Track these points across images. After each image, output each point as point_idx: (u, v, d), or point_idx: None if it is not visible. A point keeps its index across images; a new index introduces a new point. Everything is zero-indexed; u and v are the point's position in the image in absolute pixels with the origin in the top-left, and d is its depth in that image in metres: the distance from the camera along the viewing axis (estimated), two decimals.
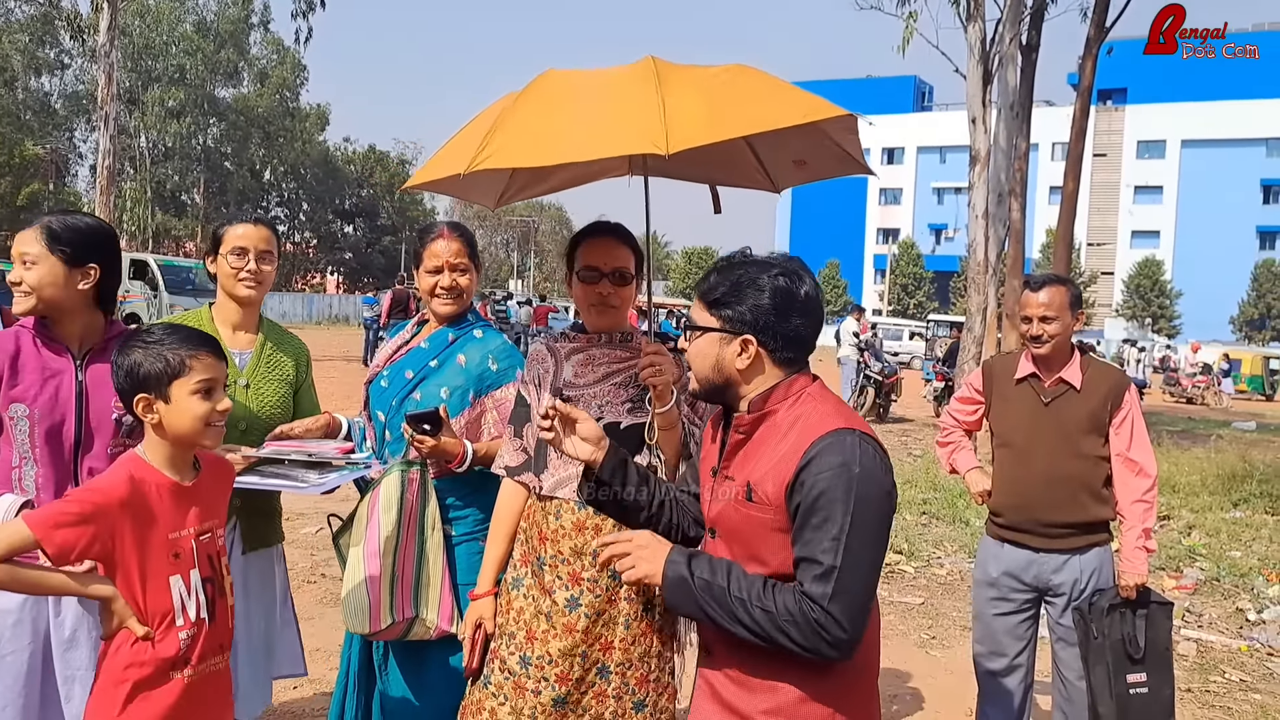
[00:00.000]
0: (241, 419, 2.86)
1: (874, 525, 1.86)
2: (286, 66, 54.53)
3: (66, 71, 47.62)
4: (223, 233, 2.95)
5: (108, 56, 20.56)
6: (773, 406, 1.97)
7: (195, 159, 52.79)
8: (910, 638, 5.77)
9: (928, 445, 13.81)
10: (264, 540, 2.99)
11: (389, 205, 66.58)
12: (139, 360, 2.14)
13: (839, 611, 1.80)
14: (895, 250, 69.04)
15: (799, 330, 1.97)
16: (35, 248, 2.51)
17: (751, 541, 1.95)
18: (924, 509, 9.03)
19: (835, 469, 1.84)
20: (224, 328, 2.95)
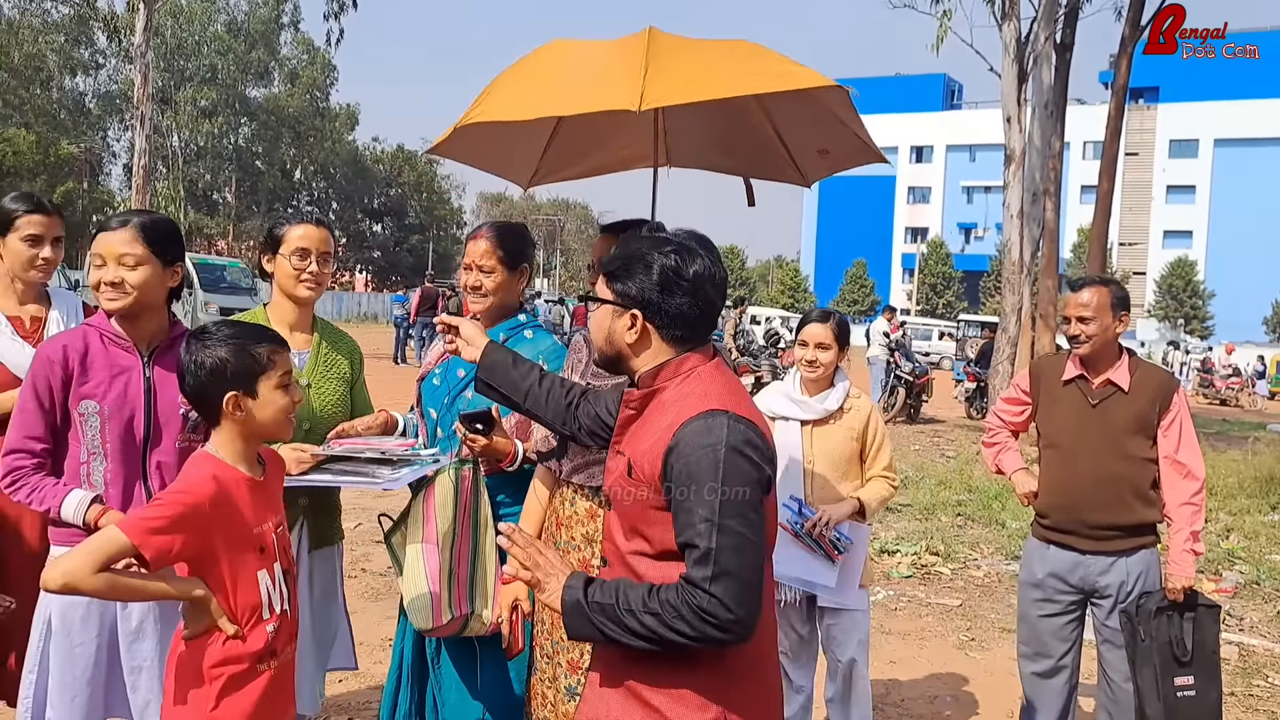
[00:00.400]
0: (305, 419, 2.90)
1: (748, 504, 1.85)
2: (317, 67, 54.93)
3: (100, 71, 48.26)
4: (282, 233, 2.96)
5: (143, 57, 20.79)
6: (661, 384, 2.00)
7: (227, 158, 53.32)
8: (949, 639, 5.75)
9: (960, 446, 13.73)
10: (328, 538, 3.04)
11: (416, 204, 66.97)
12: (226, 357, 2.16)
13: (722, 592, 1.79)
14: (924, 249, 68.59)
15: (683, 309, 1.99)
16: (138, 249, 2.55)
17: (635, 517, 1.98)
18: (959, 510, 8.98)
19: (701, 450, 1.85)
20: (280, 327, 2.96)
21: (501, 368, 2.49)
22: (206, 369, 2.16)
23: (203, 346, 2.18)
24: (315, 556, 2.98)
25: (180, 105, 48.89)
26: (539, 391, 2.46)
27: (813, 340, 3.62)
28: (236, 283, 24.32)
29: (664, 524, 1.93)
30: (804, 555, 3.51)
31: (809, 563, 3.51)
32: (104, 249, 2.55)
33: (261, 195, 54.92)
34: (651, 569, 1.96)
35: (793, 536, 3.49)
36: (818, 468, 3.60)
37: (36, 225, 3.03)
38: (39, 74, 43.10)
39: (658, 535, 1.94)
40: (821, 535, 3.47)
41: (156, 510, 2.03)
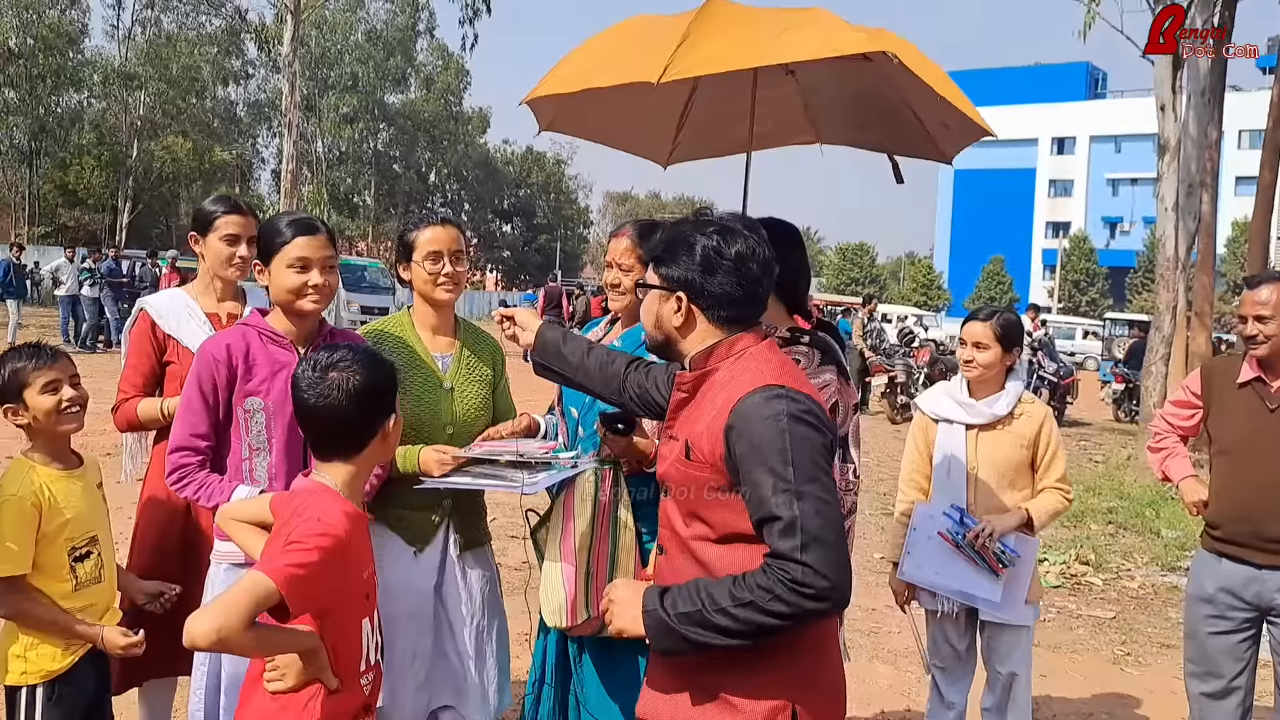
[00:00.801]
0: (448, 422, 2.92)
1: (820, 469, 1.84)
2: (450, 72, 56.37)
3: (250, 81, 50.63)
4: (413, 239, 2.94)
5: (290, 66, 21.71)
6: (714, 365, 1.99)
7: (366, 162, 55.22)
8: (1102, 653, 5.47)
9: (1109, 450, 13.11)
10: (477, 540, 3.05)
11: (545, 204, 68.08)
12: (372, 379, 2.03)
13: (815, 560, 1.75)
14: (1066, 245, 65.75)
15: (727, 288, 1.98)
16: (331, 251, 2.70)
17: (693, 500, 1.96)
18: (1109, 518, 8.56)
19: (763, 422, 1.84)
20: (424, 332, 3.00)
21: (553, 346, 2.55)
22: (355, 391, 1.99)
23: (335, 368, 2.00)
24: (467, 558, 3.00)
25: (324, 112, 50.87)
26: (588, 364, 2.50)
27: (970, 339, 3.46)
28: (376, 282, 25.27)
29: (726, 506, 1.91)
30: (965, 567, 3.36)
31: (971, 575, 3.36)
32: (311, 253, 2.61)
33: (399, 197, 56.69)
34: (715, 554, 1.93)
35: (953, 547, 3.35)
36: (982, 475, 3.44)
37: (234, 225, 3.18)
38: (195, 84, 45.41)
39: (719, 518, 1.92)
40: (984, 547, 3.31)
41: (300, 554, 1.84)
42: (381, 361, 2.08)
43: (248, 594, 1.75)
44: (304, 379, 2.02)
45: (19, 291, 18.59)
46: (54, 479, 2.55)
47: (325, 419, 2.00)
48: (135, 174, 42.66)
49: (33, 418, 2.53)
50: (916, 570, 3.49)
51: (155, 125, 43.75)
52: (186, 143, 43.43)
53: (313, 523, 1.90)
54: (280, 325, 2.68)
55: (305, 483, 2.07)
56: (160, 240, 40.74)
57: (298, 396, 2.03)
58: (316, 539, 1.86)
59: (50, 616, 2.48)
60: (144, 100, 43.15)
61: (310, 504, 1.97)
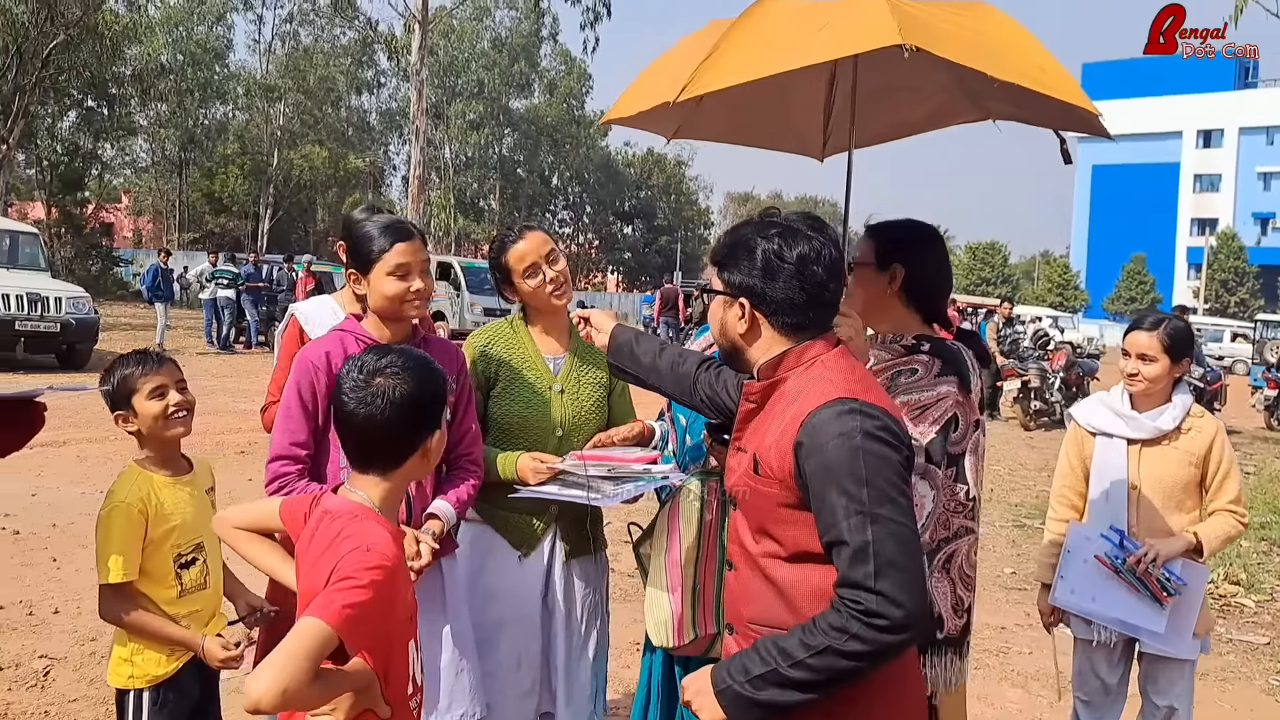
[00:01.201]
0: (557, 425, 2.88)
1: (897, 490, 1.73)
2: (573, 77, 57.04)
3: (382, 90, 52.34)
4: (506, 258, 2.88)
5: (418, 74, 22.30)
6: (783, 374, 1.90)
7: (491, 167, 56.35)
8: (1255, 682, 5.07)
9: (1262, 460, 12.30)
10: (585, 548, 2.97)
11: (665, 206, 68.19)
12: (420, 388, 1.90)
13: (890, 588, 1.65)
14: (1213, 242, 62.30)
15: (790, 294, 1.88)
16: (425, 254, 2.68)
17: (762, 516, 1.87)
18: (1263, 535, 7.98)
19: (835, 440, 1.73)
20: (538, 333, 2.97)
21: (626, 347, 2.51)
22: (400, 401, 1.85)
23: (382, 374, 1.87)
24: (574, 565, 2.93)
25: (451, 119, 52.17)
26: (660, 364, 2.44)
27: (1134, 350, 3.18)
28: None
29: (796, 524, 1.80)
30: (1126, 595, 3.10)
31: (1132, 604, 3.10)
32: (409, 258, 2.58)
33: (522, 201, 57.67)
34: (785, 573, 1.82)
35: (1112, 572, 3.09)
36: (1145, 494, 3.16)
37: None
38: (330, 94, 47.27)
39: (790, 536, 1.82)
40: (1147, 574, 3.04)
41: (354, 592, 1.69)
42: (433, 372, 1.95)
43: (307, 644, 1.62)
44: (347, 381, 1.88)
45: (167, 295, 19.57)
46: (162, 485, 2.59)
47: (365, 428, 1.86)
48: (275, 182, 44.59)
49: (141, 423, 2.57)
50: (1071, 596, 3.23)
51: (294, 135, 45.71)
52: (323, 151, 45.22)
53: (362, 554, 1.75)
54: (377, 331, 2.66)
55: (341, 502, 1.91)
56: (298, 245, 42.51)
57: (338, 399, 1.90)
58: (370, 573, 1.72)
59: (153, 624, 2.51)
60: (283, 111, 45.11)
61: (353, 530, 1.82)
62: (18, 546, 6.19)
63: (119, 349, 17.52)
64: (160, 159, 44.15)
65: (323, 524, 1.87)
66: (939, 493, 2.30)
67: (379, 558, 1.75)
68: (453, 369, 2.73)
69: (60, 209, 35.42)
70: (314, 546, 1.87)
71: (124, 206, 49.15)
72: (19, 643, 4.74)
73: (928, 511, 2.28)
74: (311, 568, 1.84)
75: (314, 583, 1.79)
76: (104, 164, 40.27)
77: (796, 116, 3.40)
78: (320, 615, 1.65)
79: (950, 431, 2.34)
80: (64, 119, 35.40)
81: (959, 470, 2.35)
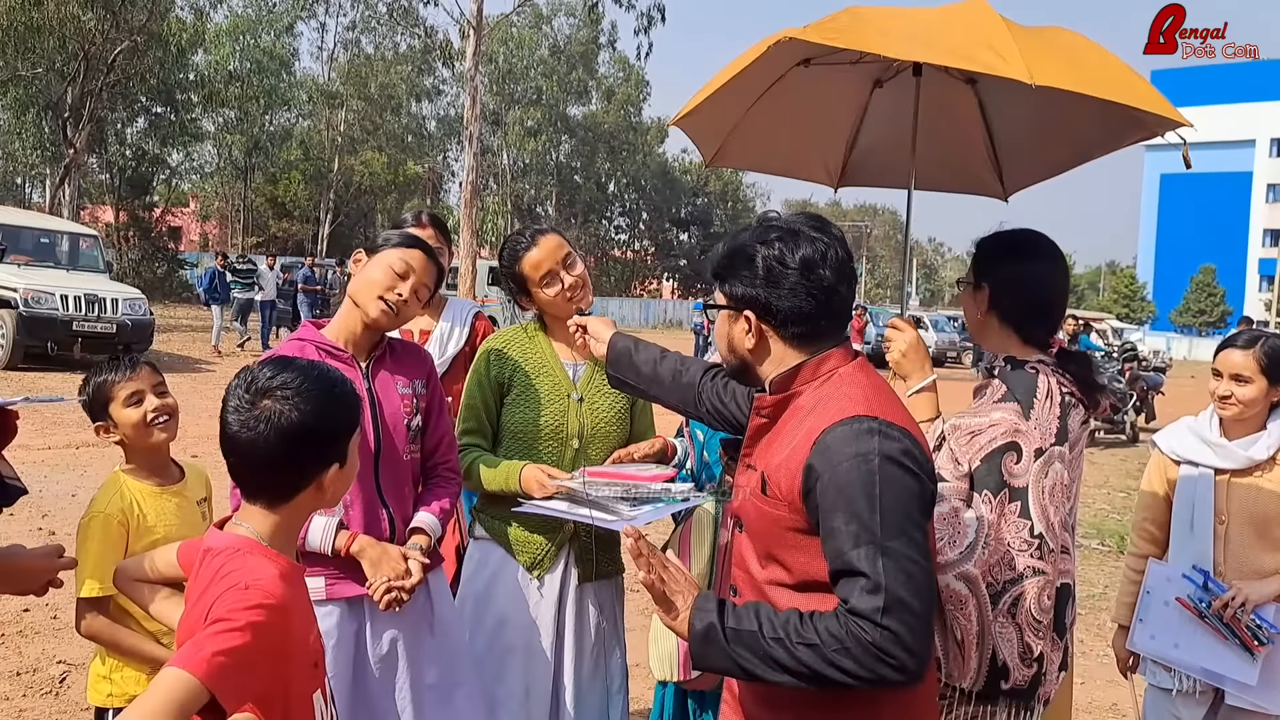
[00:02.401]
0: (574, 435, 2.73)
1: (912, 523, 1.60)
2: (631, 84, 57.17)
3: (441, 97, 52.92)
4: (520, 268, 2.74)
5: (472, 80, 22.40)
6: (798, 388, 1.77)
7: (549, 174, 56.67)
8: None
9: None
10: (602, 571, 2.80)
11: (722, 213, 67.97)
12: (331, 423, 1.67)
13: (897, 626, 1.53)
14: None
15: (797, 302, 1.74)
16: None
17: (769, 540, 1.73)
18: None
19: (850, 461, 1.60)
20: (558, 338, 2.83)
21: (625, 355, 2.36)
22: (288, 429, 1.58)
23: (271, 395, 1.61)
24: (588, 589, 2.77)
25: (510, 126, 52.58)
26: (660, 373, 2.30)
27: (1227, 370, 2.87)
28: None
29: (805, 549, 1.68)
30: (1212, 641, 2.81)
31: (1219, 651, 2.81)
32: (416, 265, 2.48)
33: (579, 207, 57.91)
34: (791, 601, 1.66)
35: (1196, 616, 2.82)
36: (1234, 531, 2.86)
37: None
38: (390, 101, 47.95)
39: (798, 562, 1.67)
40: (1235, 619, 2.75)
41: (227, 637, 1.45)
42: (338, 399, 1.66)
43: (166, 699, 1.36)
44: (232, 398, 1.63)
45: (223, 297, 19.87)
46: (146, 495, 2.47)
47: (246, 453, 1.60)
48: (336, 187, 45.29)
49: (122, 432, 2.46)
50: (1150, 642, 2.96)
51: (354, 141, 46.40)
52: (382, 157, 45.83)
53: (239, 593, 1.50)
54: (340, 334, 2.50)
55: (224, 538, 1.66)
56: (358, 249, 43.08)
57: (222, 416, 1.63)
58: (248, 614, 1.48)
59: (130, 640, 2.39)
60: (345, 117, 45.79)
61: (232, 566, 1.57)
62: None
63: (175, 350, 17.84)
64: (226, 164, 45.07)
65: (204, 562, 1.64)
66: (984, 523, 2.08)
67: (260, 595, 1.51)
68: (421, 373, 2.61)
69: (129, 213, 36.31)
70: (194, 588, 1.64)
71: (191, 211, 50.29)
72: (40, 647, 4.70)
73: (968, 541, 2.08)
74: (189, 611, 1.61)
75: (191, 628, 1.55)
76: (171, 169, 41.25)
77: (816, 150, 3.35)
78: (185, 665, 1.40)
79: (1008, 461, 2.10)
80: (132, 125, 36.28)
81: (1023, 505, 2.09)
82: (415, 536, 2.49)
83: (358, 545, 2.38)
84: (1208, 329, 59.16)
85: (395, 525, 2.49)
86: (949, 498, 2.08)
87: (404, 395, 2.53)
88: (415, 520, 2.52)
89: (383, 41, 47.99)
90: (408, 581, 2.36)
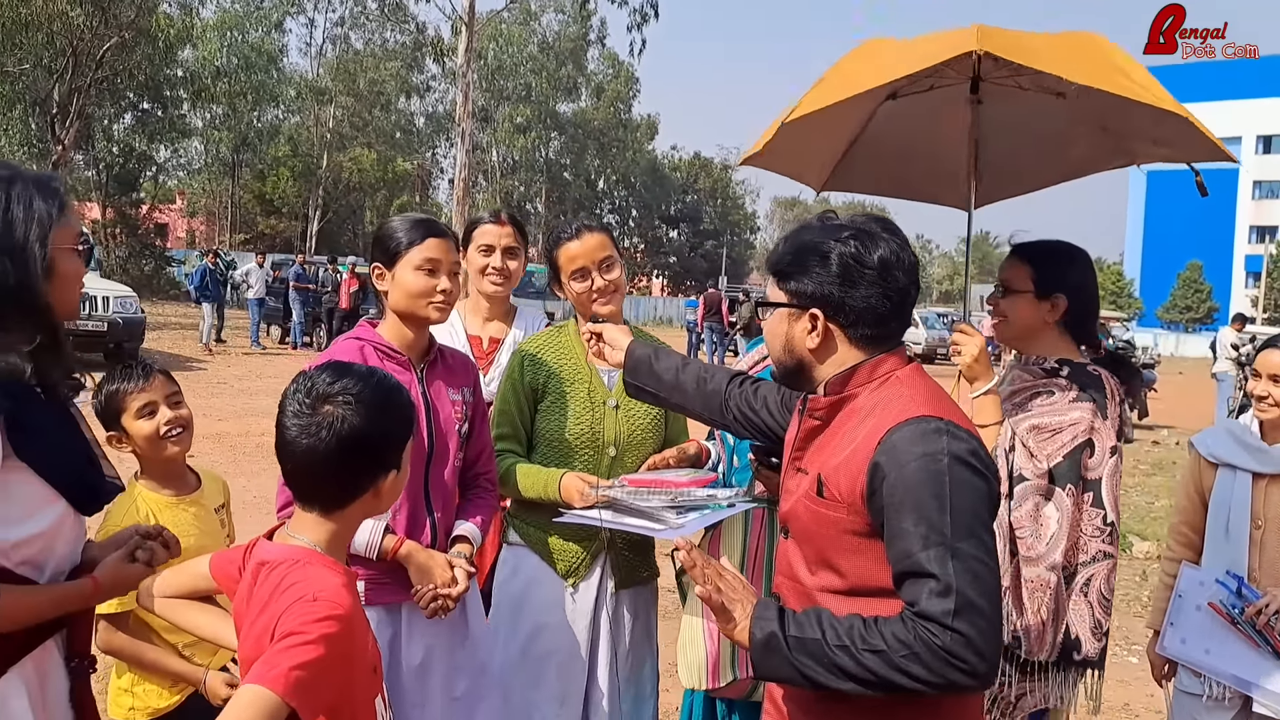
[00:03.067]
0: (610, 442, 2.69)
1: (981, 525, 1.59)
2: (620, 80, 57.05)
3: (430, 94, 52.70)
4: (557, 254, 2.73)
5: (464, 77, 22.31)
6: (853, 390, 1.75)
7: (538, 171, 56.51)
8: None
9: None
10: (638, 578, 2.78)
11: (711, 210, 68.03)
12: (389, 428, 1.69)
13: (969, 629, 1.51)
14: (1273, 250, 60.72)
15: (872, 301, 1.72)
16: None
17: (823, 544, 1.71)
18: None
19: (919, 460, 1.58)
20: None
21: (644, 363, 2.33)
22: (348, 435, 1.58)
23: (332, 400, 1.60)
24: (624, 596, 2.73)
25: (499, 123, 52.42)
26: (683, 381, 2.26)
27: (1266, 370, 2.85)
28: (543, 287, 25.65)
29: (862, 553, 1.66)
30: (1243, 648, 2.78)
31: (1250, 659, 2.77)
32: (441, 255, 2.45)
33: (568, 204, 57.76)
34: (842, 608, 1.63)
35: (1228, 622, 2.79)
36: (1270, 537, 2.83)
37: (490, 235, 3.08)
38: (379, 98, 47.74)
39: (853, 567, 1.64)
40: (1269, 626, 2.73)
41: (303, 650, 1.45)
42: (396, 405, 1.67)
43: (252, 717, 1.38)
44: (291, 404, 1.62)
45: (215, 295, 19.75)
46: (162, 507, 2.42)
47: (305, 461, 1.60)
48: (324, 184, 45.05)
49: (135, 444, 2.40)
50: (1181, 646, 2.94)
51: (343, 137, 46.17)
52: (371, 154, 45.63)
53: (307, 605, 1.50)
54: (396, 338, 2.48)
55: (279, 549, 1.65)
56: (347, 246, 42.86)
57: (280, 421, 1.62)
58: (318, 626, 1.47)
59: (151, 654, 2.35)
60: (333, 114, 45.55)
61: (296, 578, 1.56)
62: None
63: (166, 348, 17.71)
64: (214, 161, 44.78)
65: (261, 576, 1.62)
66: (1065, 515, 2.25)
67: (328, 606, 1.51)
68: (469, 381, 2.60)
69: (116, 209, 36.03)
70: (254, 602, 1.62)
71: (178, 208, 49.98)
72: None
73: (1051, 534, 2.24)
74: (252, 626, 1.59)
75: (256, 644, 1.55)
76: (158, 165, 40.94)
77: (944, 166, 3.30)
78: (264, 682, 1.40)
79: (1085, 456, 2.29)
80: (120, 121, 36.00)
81: (1096, 495, 2.30)
82: (459, 545, 2.46)
83: (405, 550, 2.36)
84: (1194, 325, 59.44)
85: (438, 532, 2.47)
86: (1031, 495, 2.22)
87: (454, 402, 2.52)
88: (458, 529, 2.50)
89: (372, 37, 47.80)
90: (454, 590, 2.34)
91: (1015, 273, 2.46)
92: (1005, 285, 2.47)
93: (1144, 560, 7.52)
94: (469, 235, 3.05)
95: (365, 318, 2.88)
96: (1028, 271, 2.44)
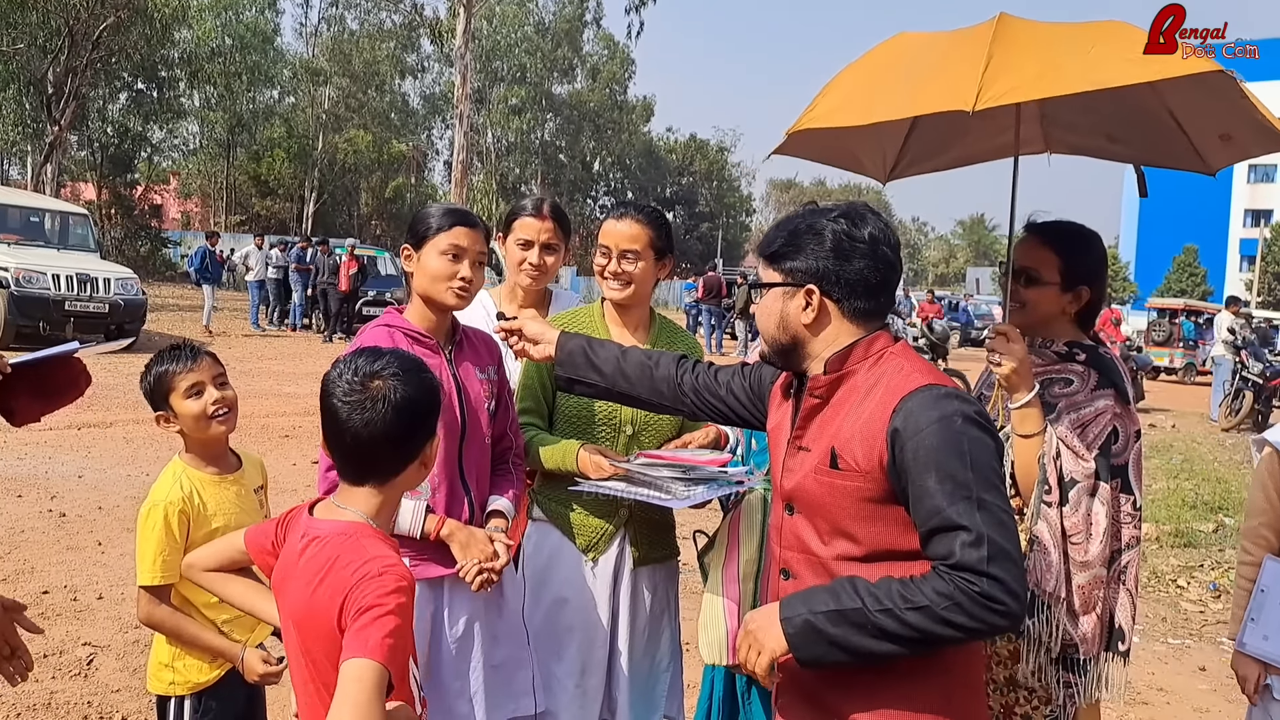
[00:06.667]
0: (628, 423, 2.77)
1: (998, 477, 1.70)
2: (616, 62, 56.84)
3: (425, 75, 52.48)
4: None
5: (463, 59, 22.23)
6: (852, 367, 1.83)
7: (534, 153, 56.36)
8: None
9: None
10: (657, 555, 2.85)
11: (707, 192, 67.93)
12: (421, 392, 1.80)
13: (1002, 574, 1.61)
14: (1267, 234, 60.81)
15: (865, 275, 1.83)
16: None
17: (837, 514, 1.78)
18: None
19: (936, 423, 1.68)
20: (614, 326, 2.87)
21: (579, 355, 2.35)
22: (401, 404, 1.70)
23: (379, 376, 1.73)
24: (643, 572, 2.81)
25: (493, 104, 52.22)
26: (626, 369, 2.31)
27: None
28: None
29: (879, 519, 1.75)
30: None
31: None
32: (466, 243, 2.50)
33: (564, 186, 57.66)
34: (859, 572, 1.73)
35: None
36: None
37: (530, 230, 2.97)
38: (374, 79, 47.51)
39: (869, 533, 1.74)
40: None
41: (387, 621, 1.57)
42: (428, 374, 1.81)
43: (371, 690, 1.49)
44: (339, 386, 1.71)
45: (214, 277, 19.73)
46: (205, 484, 2.49)
47: (364, 435, 1.70)
48: (320, 165, 44.88)
49: (182, 423, 2.47)
50: (1264, 643, 2.73)
51: (339, 119, 45.97)
52: (367, 135, 45.44)
53: (378, 580, 1.61)
54: (422, 322, 2.55)
55: (327, 524, 1.75)
56: (343, 228, 42.77)
57: (330, 405, 1.72)
58: (393, 597, 1.59)
59: (191, 629, 2.42)
60: (329, 95, 45.35)
61: (356, 552, 1.66)
62: (64, 530, 6.19)
63: (166, 329, 17.72)
64: (208, 141, 44.59)
65: (311, 550, 1.72)
66: (1108, 510, 2.26)
67: (395, 579, 1.62)
68: (493, 360, 2.68)
69: (110, 190, 35.92)
70: (303, 574, 1.71)
71: (172, 189, 49.80)
72: (63, 629, 4.71)
73: (1103, 527, 2.24)
74: (309, 599, 1.68)
75: (313, 616, 1.66)
76: (153, 146, 40.79)
77: (873, 143, 3.28)
78: (366, 653, 1.52)
79: (1112, 444, 2.29)
80: (115, 102, 35.84)
81: (1124, 481, 2.30)
82: (494, 520, 2.54)
83: (447, 529, 2.43)
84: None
85: (474, 509, 2.54)
86: (1083, 498, 2.22)
87: (482, 381, 2.59)
88: (491, 504, 2.57)
89: (367, 17, 47.54)
90: (497, 563, 2.42)
91: (1042, 260, 2.42)
92: (1030, 273, 2.42)
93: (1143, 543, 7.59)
94: (510, 224, 3.05)
95: (393, 304, 2.94)
96: (1056, 261, 2.40)
